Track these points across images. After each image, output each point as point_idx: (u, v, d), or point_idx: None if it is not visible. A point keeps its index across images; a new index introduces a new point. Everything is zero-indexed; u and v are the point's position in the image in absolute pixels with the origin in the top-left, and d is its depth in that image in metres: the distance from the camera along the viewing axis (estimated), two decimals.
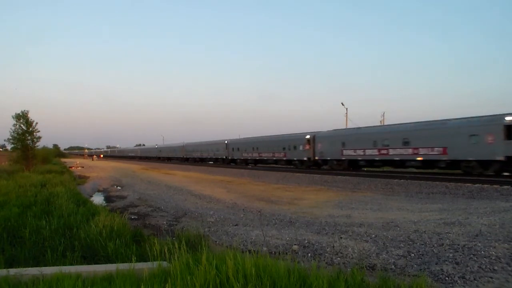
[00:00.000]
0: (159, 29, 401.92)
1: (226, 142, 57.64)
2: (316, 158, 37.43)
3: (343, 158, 34.00)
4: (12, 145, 37.88)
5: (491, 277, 5.71)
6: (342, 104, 50.22)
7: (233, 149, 55.20)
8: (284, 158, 42.69)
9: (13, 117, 35.24)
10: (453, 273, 5.95)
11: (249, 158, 50.84)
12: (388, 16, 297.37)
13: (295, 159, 40.71)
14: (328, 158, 35.95)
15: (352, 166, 33.79)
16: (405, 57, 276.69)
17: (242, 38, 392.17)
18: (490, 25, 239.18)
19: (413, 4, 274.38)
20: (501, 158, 21.78)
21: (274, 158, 44.86)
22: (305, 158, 38.99)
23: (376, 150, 30.55)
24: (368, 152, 31.26)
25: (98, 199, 20.81)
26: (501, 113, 22.73)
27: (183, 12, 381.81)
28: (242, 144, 53.85)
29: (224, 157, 57.48)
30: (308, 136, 38.64)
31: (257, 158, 48.77)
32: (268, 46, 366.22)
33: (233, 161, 55.15)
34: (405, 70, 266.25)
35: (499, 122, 22.14)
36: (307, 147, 38.52)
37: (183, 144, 78.83)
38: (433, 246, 7.61)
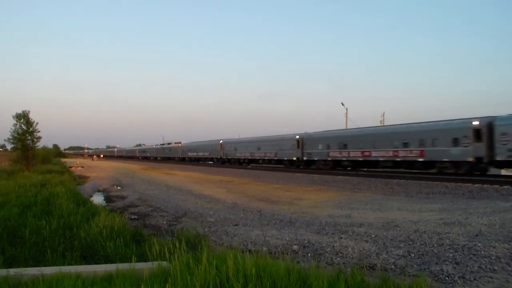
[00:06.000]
0: (159, 30, 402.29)
1: (221, 142, 58.23)
2: (305, 158, 38.66)
3: (329, 159, 35.11)
4: (12, 145, 37.87)
5: (491, 277, 5.72)
6: (342, 104, 50.41)
7: (227, 149, 55.92)
8: (275, 158, 44.00)
9: (13, 117, 35.24)
10: (453, 273, 5.95)
11: (242, 158, 52.03)
12: (388, 16, 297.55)
13: (285, 159, 42.05)
14: (316, 159, 37.16)
15: (338, 167, 34.76)
16: (405, 57, 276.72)
17: (241, 38, 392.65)
18: (490, 25, 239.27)
19: (413, 4, 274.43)
20: (471, 159, 23.38)
21: (266, 158, 46.13)
22: (294, 158, 40.16)
23: (359, 152, 31.81)
24: (352, 154, 32.63)
25: (98, 199, 20.78)
26: (470, 117, 24.49)
27: (183, 13, 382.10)
28: (236, 144, 54.92)
29: (219, 156, 58.44)
30: (297, 137, 39.94)
31: (250, 158, 50.12)
32: (267, 46, 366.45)
33: (228, 160, 56.07)
34: (405, 70, 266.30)
35: (468, 126, 23.75)
36: (296, 147, 39.50)
37: (180, 144, 79.14)
38: (433, 246, 7.61)
